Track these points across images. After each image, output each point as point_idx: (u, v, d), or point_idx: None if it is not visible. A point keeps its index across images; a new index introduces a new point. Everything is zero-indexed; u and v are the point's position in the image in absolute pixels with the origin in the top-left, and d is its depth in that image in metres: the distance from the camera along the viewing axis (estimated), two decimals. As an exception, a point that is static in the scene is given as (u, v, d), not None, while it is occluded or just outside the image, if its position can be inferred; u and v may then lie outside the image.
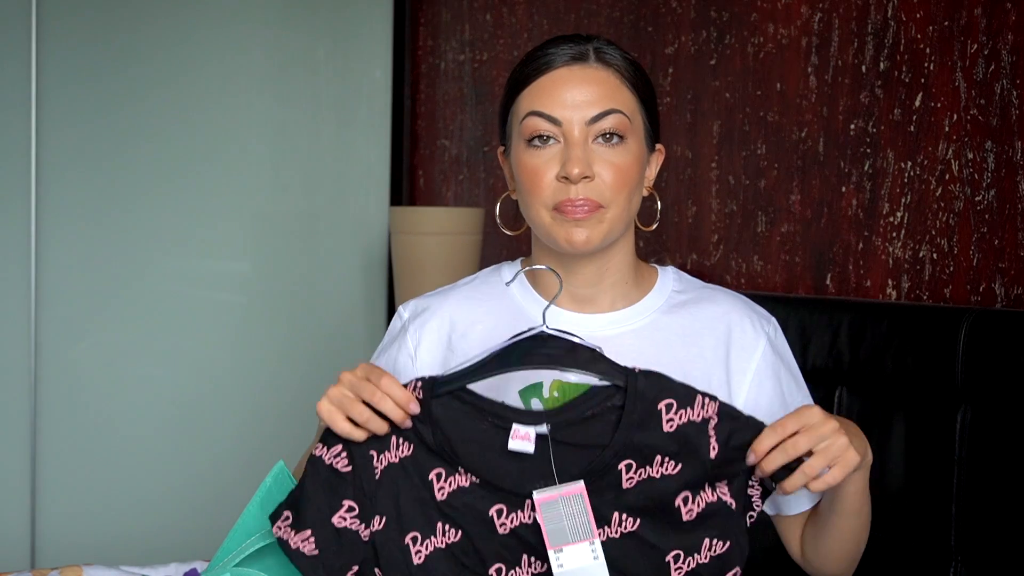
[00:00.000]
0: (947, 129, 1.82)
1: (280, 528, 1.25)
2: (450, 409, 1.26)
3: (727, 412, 1.25)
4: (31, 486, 2.69)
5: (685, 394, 1.24)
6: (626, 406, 1.24)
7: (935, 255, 1.83)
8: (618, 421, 1.24)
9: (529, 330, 1.26)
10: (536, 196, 1.35)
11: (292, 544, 1.25)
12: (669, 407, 1.24)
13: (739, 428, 1.24)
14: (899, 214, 1.89)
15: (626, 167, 1.34)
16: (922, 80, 1.86)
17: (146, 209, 2.81)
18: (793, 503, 1.41)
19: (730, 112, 2.22)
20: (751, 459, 1.23)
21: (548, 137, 1.34)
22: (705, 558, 1.26)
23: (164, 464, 2.84)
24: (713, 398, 1.25)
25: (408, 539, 1.26)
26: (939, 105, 1.83)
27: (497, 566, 1.27)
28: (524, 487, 1.25)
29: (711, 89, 2.27)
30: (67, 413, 2.72)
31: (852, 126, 1.97)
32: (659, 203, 1.44)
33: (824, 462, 1.21)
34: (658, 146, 1.43)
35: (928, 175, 1.85)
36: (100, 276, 2.76)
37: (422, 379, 1.26)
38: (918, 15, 1.86)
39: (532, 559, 1.26)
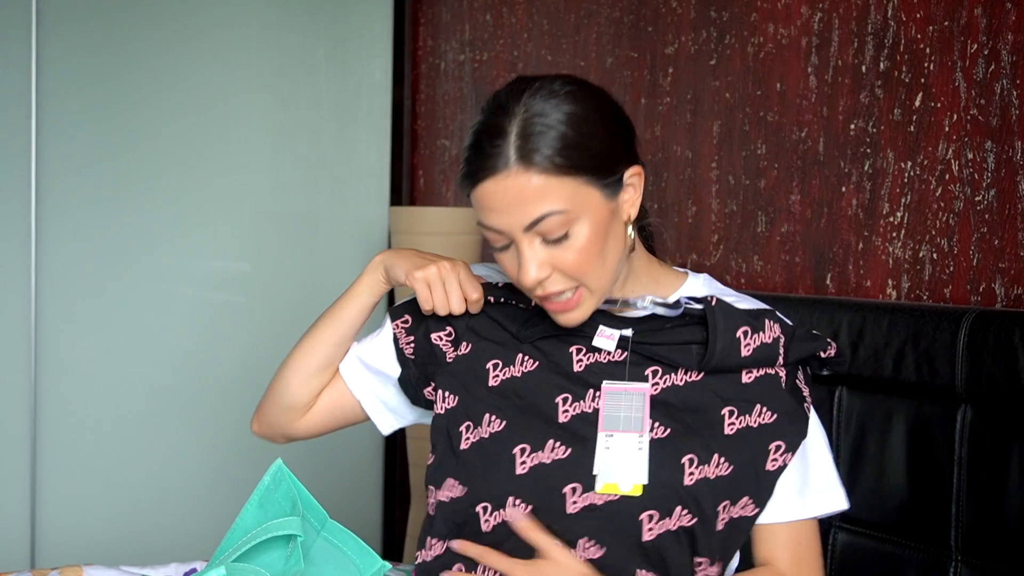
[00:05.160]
0: (947, 129, 1.81)
1: (398, 327, 1.50)
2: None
3: (785, 328, 1.39)
4: (31, 486, 2.69)
5: (756, 322, 1.37)
6: (709, 336, 1.37)
7: (935, 255, 1.83)
8: (695, 334, 1.39)
9: None
10: (518, 283, 1.37)
11: (400, 343, 1.49)
12: (746, 333, 1.37)
13: (799, 339, 1.39)
14: (899, 214, 1.89)
15: (581, 248, 1.32)
16: (922, 80, 1.86)
17: (146, 209, 2.81)
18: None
19: (730, 112, 2.22)
20: None
21: (506, 243, 1.35)
22: (755, 423, 1.36)
23: (164, 464, 2.84)
24: (774, 319, 1.38)
25: (490, 364, 1.44)
26: (939, 105, 1.83)
27: (564, 396, 1.39)
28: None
29: (711, 89, 2.27)
30: (67, 413, 2.72)
31: (852, 126, 1.97)
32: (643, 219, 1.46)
33: None
34: (629, 173, 1.36)
35: (928, 175, 1.84)
36: (100, 276, 2.76)
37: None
38: (918, 15, 1.86)
39: (596, 394, 1.38)
